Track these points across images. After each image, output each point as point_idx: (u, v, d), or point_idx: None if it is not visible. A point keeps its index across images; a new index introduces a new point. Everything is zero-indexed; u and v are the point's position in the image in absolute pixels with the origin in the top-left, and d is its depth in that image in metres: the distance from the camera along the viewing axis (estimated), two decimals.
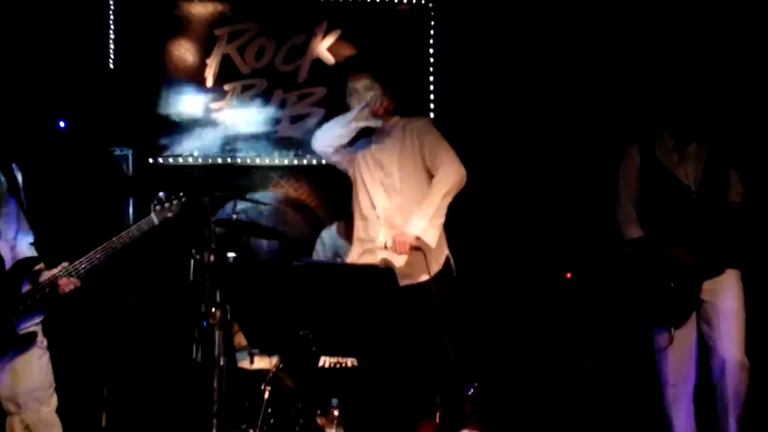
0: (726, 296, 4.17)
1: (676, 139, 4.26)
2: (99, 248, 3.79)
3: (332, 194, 6.28)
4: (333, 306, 2.82)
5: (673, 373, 4.22)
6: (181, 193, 4.05)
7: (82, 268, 3.75)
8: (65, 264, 3.76)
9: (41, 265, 3.75)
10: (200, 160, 6.08)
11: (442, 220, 4.05)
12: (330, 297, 2.81)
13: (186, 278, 4.02)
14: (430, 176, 4.14)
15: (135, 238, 3.86)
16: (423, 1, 6.34)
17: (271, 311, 2.92)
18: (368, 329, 2.86)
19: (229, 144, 6.12)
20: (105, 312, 5.17)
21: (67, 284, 3.71)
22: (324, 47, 6.22)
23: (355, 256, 4.15)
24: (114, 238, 3.81)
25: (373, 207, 4.17)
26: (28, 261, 3.73)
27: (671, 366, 4.22)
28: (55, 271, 3.74)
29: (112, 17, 5.97)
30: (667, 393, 4.25)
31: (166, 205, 4.00)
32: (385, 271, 2.76)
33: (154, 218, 3.96)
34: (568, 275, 5.16)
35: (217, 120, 6.10)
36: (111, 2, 5.98)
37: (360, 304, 2.79)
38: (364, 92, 4.38)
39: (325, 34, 6.22)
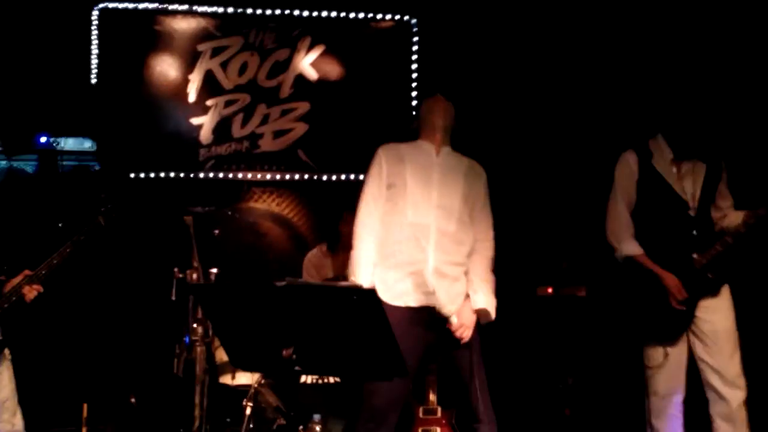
0: (720, 313, 4.08)
1: (675, 151, 4.14)
2: (55, 253, 4.02)
3: (316, 210, 6.31)
4: (316, 326, 2.81)
5: (664, 387, 4.13)
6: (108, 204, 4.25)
7: (42, 273, 3.97)
8: (27, 272, 3.95)
9: (2, 277, 3.91)
10: (182, 174, 6.06)
11: None
12: (313, 317, 2.79)
13: (168, 296, 4.00)
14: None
15: (84, 240, 4.08)
16: (406, 18, 6.39)
17: (253, 330, 2.91)
18: (351, 349, 2.84)
19: (212, 159, 6.11)
20: (86, 328, 5.14)
21: (31, 291, 3.92)
22: (307, 63, 6.24)
23: (401, 280, 3.87)
24: (67, 243, 4.04)
25: (427, 227, 3.87)
26: None
27: (662, 380, 4.12)
28: (17, 279, 3.91)
29: (95, 32, 5.96)
30: (654, 405, 4.17)
31: (111, 209, 4.22)
32: (367, 291, 2.75)
33: (101, 220, 4.17)
34: (549, 290, 5.15)
35: (200, 135, 6.09)
36: (94, 17, 5.97)
37: (343, 324, 2.78)
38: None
39: (309, 49, 6.25)
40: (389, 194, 3.92)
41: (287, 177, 6.22)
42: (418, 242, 3.86)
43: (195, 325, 4.22)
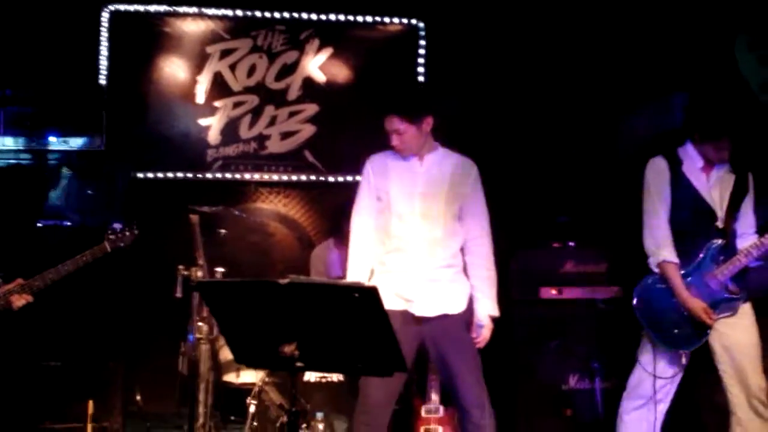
0: (742, 329, 4.07)
1: (705, 159, 4.12)
2: (53, 269, 4.14)
3: (323, 211, 6.35)
4: (318, 323, 2.85)
5: (662, 395, 4.18)
6: (135, 226, 4.37)
7: (35, 286, 4.10)
8: (20, 280, 4.08)
9: None
10: (189, 174, 6.11)
11: None
12: (315, 314, 2.83)
13: (172, 294, 4.05)
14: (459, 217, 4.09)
15: (87, 262, 4.21)
16: (414, 22, 6.43)
17: (256, 328, 2.95)
18: (353, 346, 2.88)
19: (219, 159, 6.16)
20: (92, 325, 5.18)
21: (19, 299, 4.05)
22: (315, 65, 6.29)
23: (389, 287, 3.92)
24: (68, 261, 4.16)
25: (414, 238, 3.96)
26: None
27: (660, 389, 4.14)
28: (9, 286, 4.04)
29: (104, 34, 6.01)
30: (632, 404, 4.25)
31: (119, 235, 4.34)
32: (369, 288, 2.78)
33: (106, 246, 4.29)
34: (553, 291, 5.14)
35: (208, 136, 6.14)
36: (104, 19, 6.03)
37: (345, 321, 2.82)
38: None
39: (317, 52, 6.29)
40: (379, 206, 4.07)
41: (294, 178, 6.27)
42: (404, 254, 3.98)
43: (199, 324, 4.27)
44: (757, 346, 4.09)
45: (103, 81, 6.00)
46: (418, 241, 3.96)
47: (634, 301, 4.17)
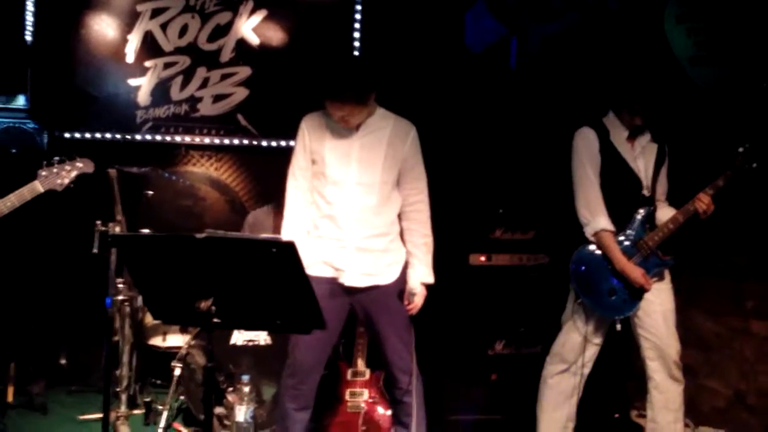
0: (664, 294, 4.21)
1: (630, 129, 4.20)
2: None
3: (255, 175, 6.30)
4: (236, 278, 2.83)
5: (588, 357, 4.26)
6: (76, 158, 4.01)
7: None
8: None
9: None
10: (118, 135, 5.99)
11: None
12: (233, 269, 2.81)
13: (89, 250, 3.94)
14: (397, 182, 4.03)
15: (14, 207, 3.86)
16: None
17: (173, 283, 2.91)
18: (271, 302, 2.87)
19: (149, 121, 6.04)
20: (10, 285, 5.07)
21: None
22: (249, 27, 6.19)
23: (317, 255, 3.94)
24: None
25: (348, 205, 3.91)
26: None
27: (587, 354, 4.25)
28: None
29: None
30: (556, 368, 4.35)
31: (55, 170, 3.95)
32: (286, 243, 2.76)
33: (38, 186, 3.93)
34: (482, 258, 5.19)
35: (137, 96, 6.02)
36: None
37: (262, 276, 2.80)
38: None
39: (251, 14, 6.19)
40: (314, 169, 3.97)
41: (226, 141, 6.19)
42: (336, 221, 3.93)
43: (121, 285, 4.20)
44: (674, 311, 4.22)
45: (29, 38, 5.83)
46: (352, 208, 3.91)
47: (571, 269, 4.23)
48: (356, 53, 6.26)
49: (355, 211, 3.91)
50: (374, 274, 3.95)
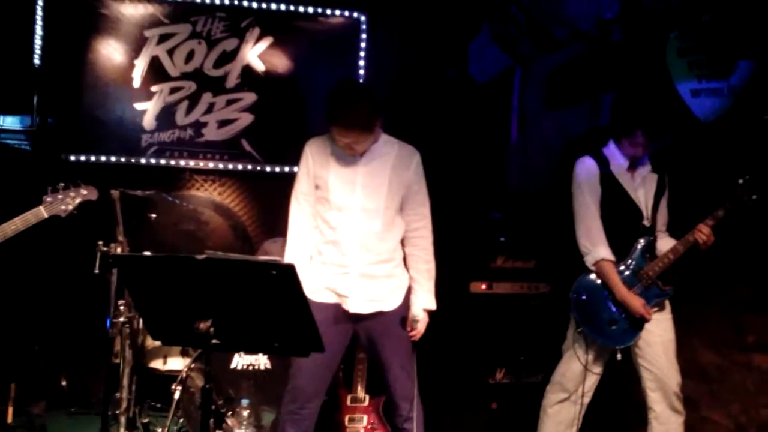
0: (664, 324, 4.20)
1: (630, 160, 4.18)
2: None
3: (258, 201, 6.33)
4: (236, 300, 2.84)
5: (588, 387, 4.26)
6: (81, 184, 4.03)
7: None
8: None
9: None
10: (123, 159, 6.03)
11: None
12: (233, 291, 2.83)
13: (91, 271, 3.95)
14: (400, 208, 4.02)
15: (18, 231, 3.87)
16: (355, 15, 6.44)
17: (172, 304, 2.93)
18: (269, 324, 2.88)
19: (154, 145, 6.09)
20: (13, 306, 5.09)
21: None
22: (255, 54, 6.26)
23: (320, 281, 3.93)
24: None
25: (351, 231, 3.89)
26: None
27: (587, 383, 4.24)
28: None
29: (39, 13, 5.89)
30: (556, 396, 4.33)
31: (60, 197, 3.98)
32: (286, 266, 2.78)
33: (42, 211, 3.96)
34: (483, 286, 5.20)
35: (143, 120, 6.06)
36: None
37: (262, 298, 2.81)
38: None
39: (257, 41, 6.26)
40: (317, 194, 3.96)
41: (230, 166, 6.23)
42: (339, 247, 3.91)
43: (122, 308, 4.20)
44: (674, 341, 4.21)
45: (37, 61, 5.89)
46: (356, 234, 3.89)
47: (572, 298, 4.22)
48: (361, 81, 6.31)
49: (359, 237, 3.89)
50: (378, 300, 3.93)
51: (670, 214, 4.34)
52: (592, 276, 4.21)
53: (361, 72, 6.41)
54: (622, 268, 4.16)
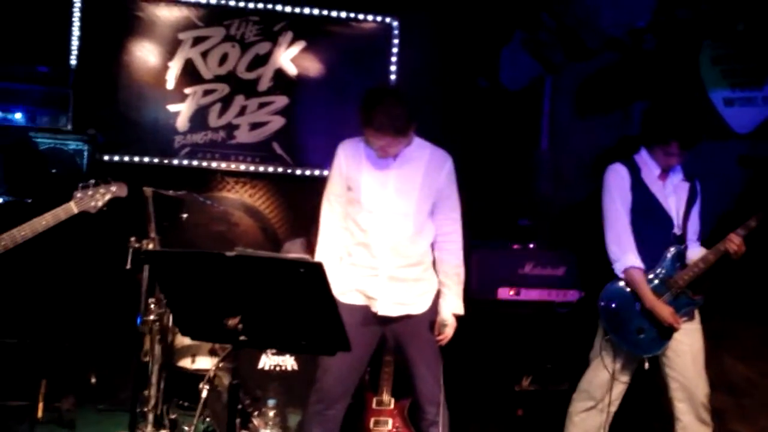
0: (693, 334, 4.15)
1: (662, 167, 4.17)
2: (6, 234, 3.80)
3: (289, 203, 6.37)
4: (264, 297, 2.87)
5: (615, 395, 4.21)
6: (111, 181, 4.04)
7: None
8: None
9: None
10: (156, 159, 6.11)
11: None
12: (261, 288, 2.85)
13: (122, 269, 3.99)
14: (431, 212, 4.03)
15: (48, 227, 3.87)
16: (388, 20, 6.47)
17: (202, 300, 2.96)
18: (297, 322, 2.90)
19: (187, 146, 6.16)
20: (46, 301, 5.15)
21: None
22: (287, 58, 6.31)
23: (350, 282, 3.94)
24: (25, 224, 3.82)
25: (382, 233, 3.89)
26: None
27: (614, 392, 4.21)
28: None
29: (77, 14, 6.00)
30: (583, 405, 4.31)
31: (90, 193, 3.99)
32: (314, 264, 2.79)
33: (72, 207, 3.96)
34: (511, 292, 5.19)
35: (176, 122, 6.14)
36: (77, 0, 6.00)
37: (289, 295, 2.83)
38: None
39: (290, 44, 6.31)
40: (349, 195, 3.97)
41: (261, 169, 6.29)
42: (370, 249, 3.92)
43: (152, 306, 4.23)
44: (703, 352, 4.16)
45: (73, 62, 5.98)
46: (386, 237, 3.89)
47: (600, 305, 4.19)
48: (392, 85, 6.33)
49: (389, 239, 3.90)
50: (407, 304, 3.94)
51: (702, 223, 4.31)
52: (621, 283, 4.18)
53: (392, 77, 6.44)
54: (651, 276, 4.12)
